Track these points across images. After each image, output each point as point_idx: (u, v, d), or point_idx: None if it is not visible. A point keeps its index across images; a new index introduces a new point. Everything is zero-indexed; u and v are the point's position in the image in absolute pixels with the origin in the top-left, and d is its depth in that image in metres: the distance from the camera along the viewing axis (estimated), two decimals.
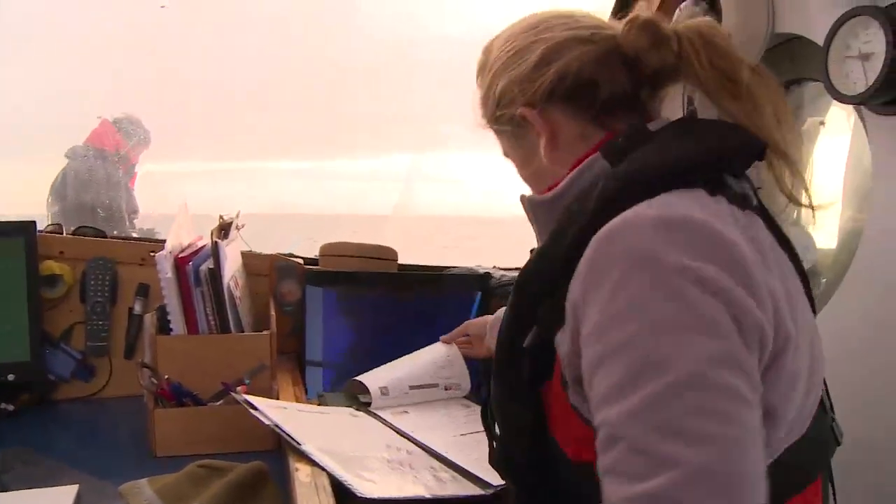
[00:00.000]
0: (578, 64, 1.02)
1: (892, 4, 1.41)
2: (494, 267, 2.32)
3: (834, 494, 1.02)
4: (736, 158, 0.94)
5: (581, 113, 1.04)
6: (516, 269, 2.33)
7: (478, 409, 1.87)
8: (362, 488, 1.27)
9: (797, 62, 1.81)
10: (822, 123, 1.91)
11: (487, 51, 1.15)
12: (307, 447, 1.39)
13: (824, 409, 0.98)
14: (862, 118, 1.54)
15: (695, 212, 0.82)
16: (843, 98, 1.47)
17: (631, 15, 1.03)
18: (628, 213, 0.83)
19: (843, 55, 1.47)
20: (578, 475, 0.91)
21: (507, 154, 1.17)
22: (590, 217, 0.87)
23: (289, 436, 1.42)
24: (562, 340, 0.90)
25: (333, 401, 1.82)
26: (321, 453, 1.37)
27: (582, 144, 1.03)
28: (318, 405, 1.78)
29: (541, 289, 0.93)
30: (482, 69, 1.15)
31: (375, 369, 1.91)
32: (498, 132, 1.15)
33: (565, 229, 0.91)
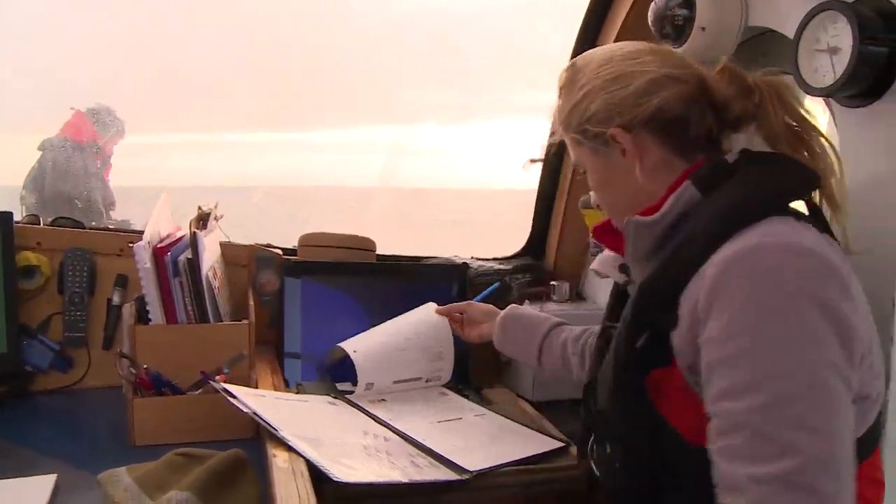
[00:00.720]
0: (676, 100, 1.17)
1: (859, 0, 1.44)
2: (472, 257, 2.33)
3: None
4: (805, 190, 1.12)
5: (669, 143, 1.19)
6: (493, 259, 2.36)
7: (455, 396, 1.90)
8: (339, 473, 1.29)
9: (770, 55, 1.83)
10: None
11: (577, 69, 1.27)
12: (284, 434, 1.40)
13: None
14: (831, 110, 1.56)
15: (807, 240, 0.99)
16: (812, 90, 1.49)
17: (722, 64, 1.24)
18: (752, 239, 0.98)
19: (813, 49, 1.49)
20: (691, 457, 1.03)
21: (579, 164, 1.31)
22: (706, 241, 1.02)
23: (266, 423, 1.44)
24: (676, 338, 1.05)
25: (312, 390, 1.83)
26: (298, 440, 1.39)
27: (668, 171, 1.18)
28: (297, 394, 1.80)
29: (662, 300, 1.06)
30: (570, 83, 1.27)
31: (359, 336, 1.94)
32: (577, 143, 1.27)
33: (681, 252, 1.06)
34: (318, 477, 1.31)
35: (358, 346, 1.86)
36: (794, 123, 1.18)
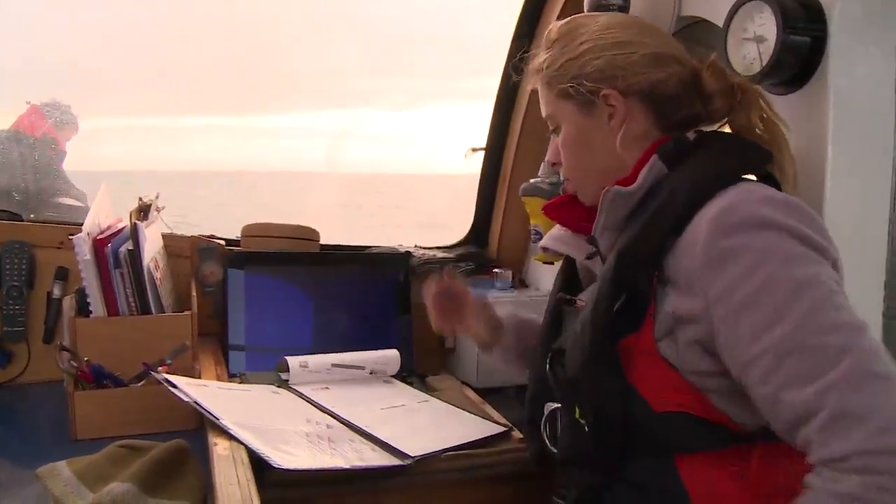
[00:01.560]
0: (675, 80, 1.24)
1: None
2: (416, 246, 2.35)
3: None
4: (763, 162, 1.20)
5: (656, 118, 1.24)
6: (437, 247, 2.37)
7: (400, 385, 1.91)
8: (279, 460, 1.30)
9: (702, 44, 1.87)
10: None
11: (577, 25, 1.31)
12: (225, 422, 1.41)
13: None
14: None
15: (781, 194, 1.09)
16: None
17: (710, 60, 1.30)
18: (733, 197, 1.05)
19: (741, 38, 1.53)
20: (657, 422, 1.09)
21: (555, 119, 1.32)
22: (686, 205, 1.08)
23: (207, 411, 1.44)
24: (665, 300, 1.09)
25: (254, 379, 1.83)
26: (239, 427, 1.39)
27: (642, 142, 1.23)
28: (240, 383, 1.80)
29: (643, 263, 1.10)
30: (569, 37, 1.29)
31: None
32: (564, 96, 1.28)
33: (660, 218, 1.10)
34: (259, 464, 1.32)
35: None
36: (762, 126, 1.26)
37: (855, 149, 1.40)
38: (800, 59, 1.45)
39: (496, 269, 2.27)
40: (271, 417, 1.53)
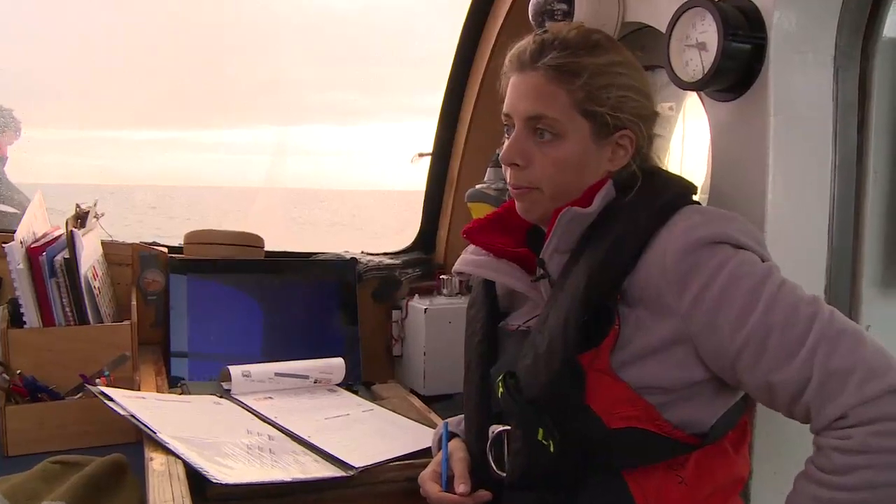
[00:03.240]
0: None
1: None
2: (362, 252, 2.33)
3: None
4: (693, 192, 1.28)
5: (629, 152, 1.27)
6: (383, 253, 2.36)
7: (345, 393, 1.89)
8: (217, 474, 1.27)
9: (647, 50, 1.88)
10: (670, 108, 2.00)
11: (615, 51, 1.32)
12: (162, 435, 1.38)
13: None
14: (703, 103, 1.62)
15: (728, 212, 1.18)
16: (683, 84, 1.54)
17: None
18: (692, 218, 1.13)
19: (683, 44, 1.53)
20: (610, 438, 1.10)
21: (553, 124, 1.24)
22: (647, 229, 1.14)
23: (144, 425, 1.41)
24: (629, 317, 1.12)
25: (196, 389, 1.80)
26: (176, 441, 1.36)
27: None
28: (181, 394, 1.76)
29: (613, 282, 1.13)
30: (608, 58, 1.29)
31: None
32: (587, 115, 1.24)
33: (625, 240, 1.14)
34: (198, 479, 1.29)
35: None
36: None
37: (795, 155, 1.41)
38: (741, 67, 1.46)
39: (443, 276, 2.26)
40: (211, 429, 1.50)
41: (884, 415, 0.95)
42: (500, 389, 1.18)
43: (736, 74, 1.47)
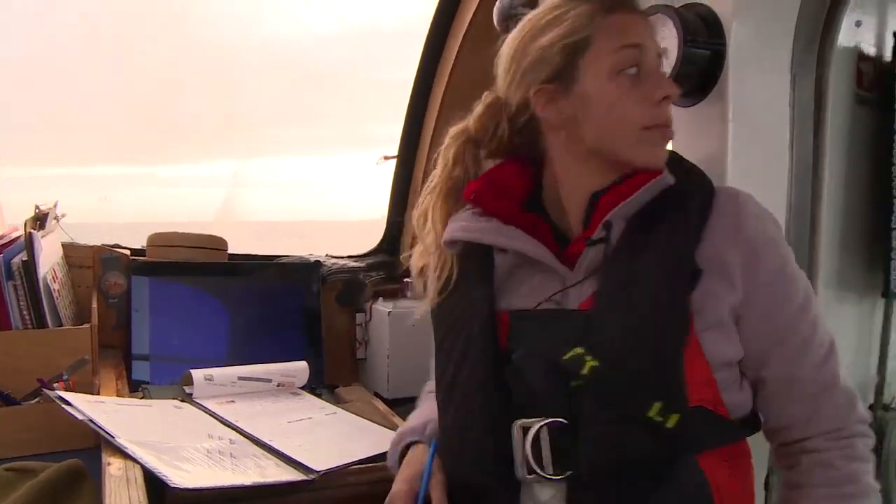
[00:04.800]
0: None
1: (685, 5, 1.51)
2: (326, 255, 2.33)
3: None
4: None
5: None
6: (348, 256, 2.35)
7: (309, 397, 1.89)
8: (176, 478, 1.26)
9: None
10: None
11: None
12: (120, 440, 1.37)
13: None
14: None
15: None
16: None
17: None
18: (749, 197, 1.13)
19: None
20: (688, 418, 1.01)
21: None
22: (705, 202, 1.11)
23: (102, 429, 1.39)
24: (697, 289, 1.06)
25: (157, 394, 1.78)
26: (134, 445, 1.35)
27: None
28: (142, 398, 1.75)
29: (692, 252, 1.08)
30: None
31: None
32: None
33: (694, 210, 1.10)
34: (157, 484, 1.28)
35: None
36: None
37: (753, 159, 1.44)
38: (700, 72, 1.48)
39: (407, 279, 2.26)
40: (171, 434, 1.49)
41: (869, 433, 1.11)
42: (588, 366, 1.02)
43: (695, 80, 1.49)
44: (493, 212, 1.19)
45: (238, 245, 2.24)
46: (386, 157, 2.38)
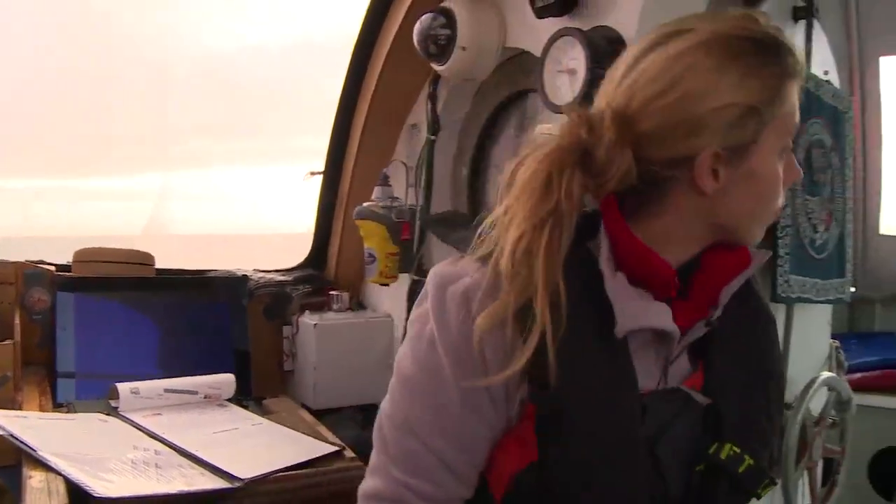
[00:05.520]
0: None
1: (593, 28, 1.60)
2: (254, 270, 2.35)
3: None
4: None
5: None
6: (275, 270, 2.38)
7: (235, 408, 1.91)
8: (99, 489, 1.28)
9: (528, 74, 1.98)
10: (548, 129, 2.10)
11: None
12: (42, 453, 1.37)
13: None
14: None
15: None
16: (555, 108, 1.64)
17: None
18: None
19: (555, 70, 1.63)
20: None
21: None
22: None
23: (23, 443, 1.40)
24: None
25: (83, 408, 1.79)
26: (56, 457, 1.36)
27: None
28: (67, 413, 1.75)
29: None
30: None
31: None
32: None
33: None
34: (81, 496, 1.29)
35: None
36: None
37: None
38: None
39: (333, 292, 2.31)
40: (95, 446, 1.50)
41: None
42: (746, 462, 0.99)
43: None
44: (654, 281, 0.98)
45: (166, 259, 2.26)
46: (312, 173, 2.42)
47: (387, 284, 2.15)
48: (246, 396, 2.04)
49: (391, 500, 0.96)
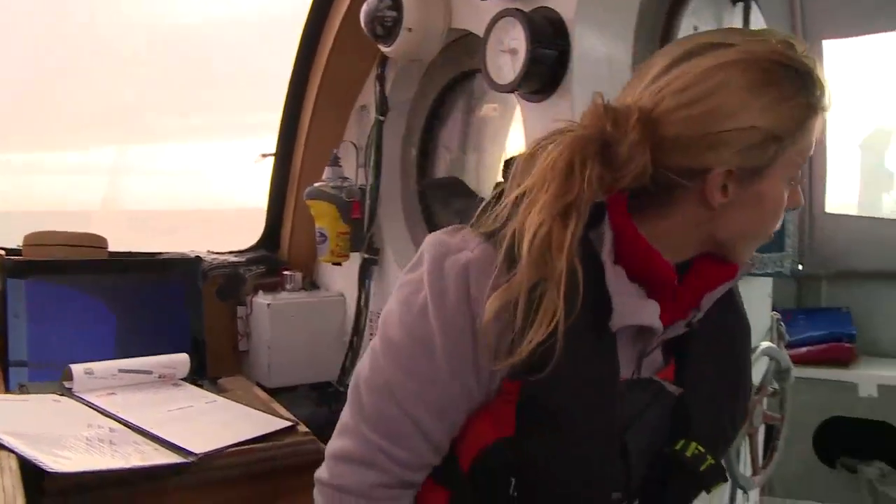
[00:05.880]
0: None
1: (534, 9, 1.64)
2: (207, 251, 2.37)
3: None
4: None
5: None
6: (229, 252, 2.41)
7: (190, 387, 1.94)
8: (53, 464, 1.30)
9: (473, 55, 2.01)
10: (494, 109, 2.15)
11: None
12: None
13: None
14: (520, 104, 1.76)
15: None
16: (497, 87, 1.68)
17: None
18: None
19: (497, 50, 1.67)
20: None
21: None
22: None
23: None
24: None
25: (36, 390, 1.80)
26: (7, 436, 1.37)
27: None
28: (20, 394, 1.77)
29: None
30: None
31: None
32: None
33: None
34: (35, 473, 1.30)
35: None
36: None
37: None
38: (547, 71, 1.62)
39: (286, 272, 2.34)
40: (48, 425, 1.52)
41: None
42: (708, 462, 1.05)
43: (543, 78, 1.62)
44: (652, 279, 1.01)
45: (123, 235, 2.25)
46: (264, 155, 2.44)
47: (339, 264, 2.19)
48: (201, 376, 2.06)
49: (362, 462, 0.98)
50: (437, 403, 0.97)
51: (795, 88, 0.94)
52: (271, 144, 2.45)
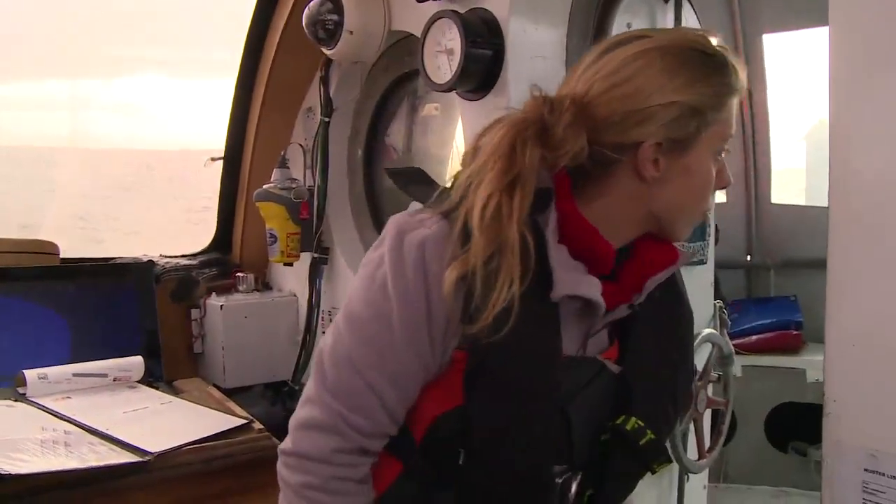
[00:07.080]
0: None
1: (470, 10, 1.69)
2: (160, 255, 2.39)
3: None
4: None
5: None
6: (181, 255, 2.43)
7: (146, 389, 1.97)
8: (8, 467, 1.33)
9: (414, 56, 2.06)
10: (435, 108, 2.20)
11: None
12: None
13: None
14: (458, 103, 1.81)
15: None
16: (435, 86, 1.73)
17: None
18: None
19: (435, 50, 1.72)
20: None
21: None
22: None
23: None
24: None
25: None
26: None
27: None
28: None
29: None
30: None
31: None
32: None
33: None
34: None
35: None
36: None
37: None
38: (483, 69, 1.67)
39: (239, 274, 2.37)
40: (1, 430, 1.54)
41: None
42: (647, 438, 1.10)
43: (480, 76, 1.68)
44: (601, 256, 1.08)
45: (96, 176, 2.20)
46: (213, 159, 2.46)
47: (290, 264, 2.23)
48: (157, 379, 2.09)
49: (324, 428, 1.04)
50: (394, 373, 1.03)
51: (710, 69, 1.05)
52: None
